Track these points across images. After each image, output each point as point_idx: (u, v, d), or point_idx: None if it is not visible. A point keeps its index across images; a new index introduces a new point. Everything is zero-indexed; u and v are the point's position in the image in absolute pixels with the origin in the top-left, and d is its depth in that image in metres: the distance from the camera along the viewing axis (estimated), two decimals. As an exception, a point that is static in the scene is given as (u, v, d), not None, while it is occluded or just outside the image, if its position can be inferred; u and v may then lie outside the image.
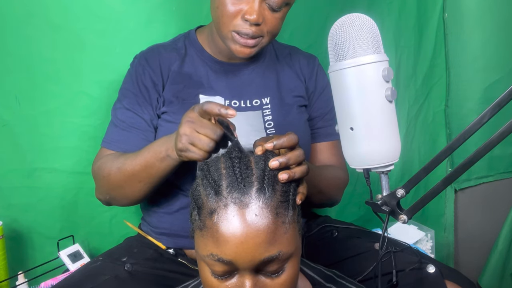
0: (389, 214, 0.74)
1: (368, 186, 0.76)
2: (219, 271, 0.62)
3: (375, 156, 0.70)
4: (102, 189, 1.04)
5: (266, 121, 1.06)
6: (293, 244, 0.63)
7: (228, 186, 0.61)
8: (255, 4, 0.92)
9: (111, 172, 0.98)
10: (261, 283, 0.63)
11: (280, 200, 0.63)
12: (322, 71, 1.17)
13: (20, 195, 1.24)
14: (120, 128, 1.04)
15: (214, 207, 0.61)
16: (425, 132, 1.78)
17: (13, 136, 1.21)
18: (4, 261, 1.17)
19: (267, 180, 0.63)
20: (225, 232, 0.59)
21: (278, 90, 1.10)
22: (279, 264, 0.62)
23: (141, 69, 1.07)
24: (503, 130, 0.61)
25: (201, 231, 0.62)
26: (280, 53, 1.15)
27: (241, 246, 0.59)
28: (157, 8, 1.28)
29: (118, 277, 0.95)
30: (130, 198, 1.00)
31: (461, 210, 1.87)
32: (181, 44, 1.11)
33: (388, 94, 0.68)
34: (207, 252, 0.61)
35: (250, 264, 0.60)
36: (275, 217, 0.61)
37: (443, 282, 0.92)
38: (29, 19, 1.17)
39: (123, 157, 0.98)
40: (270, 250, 0.60)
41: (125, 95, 1.07)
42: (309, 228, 1.16)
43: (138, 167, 0.93)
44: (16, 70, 1.19)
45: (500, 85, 1.73)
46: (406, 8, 1.64)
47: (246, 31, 0.93)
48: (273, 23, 0.96)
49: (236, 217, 0.59)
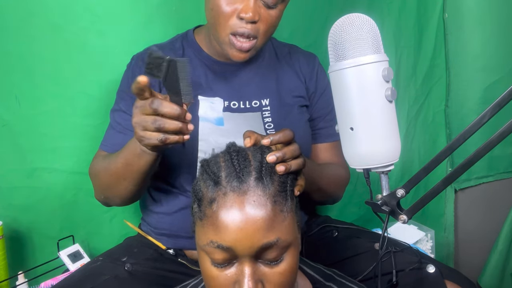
0: (389, 214, 0.74)
1: (368, 186, 0.76)
2: (219, 259, 0.63)
3: (375, 156, 0.70)
4: (96, 190, 1.05)
5: (266, 123, 1.05)
6: (292, 233, 0.65)
7: (227, 176, 0.64)
8: (251, 2, 0.91)
9: (100, 173, 0.99)
10: (260, 271, 0.63)
11: (278, 190, 0.65)
12: (322, 71, 1.17)
13: (20, 195, 1.24)
14: (116, 130, 1.05)
15: (213, 197, 0.63)
16: (425, 132, 1.78)
17: (13, 136, 1.21)
18: (4, 261, 1.17)
19: (265, 171, 0.65)
20: (224, 219, 0.61)
21: (277, 91, 1.09)
22: (277, 252, 0.63)
23: (137, 70, 1.06)
24: (503, 130, 0.61)
25: (201, 221, 0.64)
26: (280, 52, 1.15)
27: (240, 232, 0.61)
28: (156, 8, 1.28)
29: (118, 277, 0.95)
30: (121, 197, 1.00)
31: (461, 210, 1.87)
32: (178, 44, 1.10)
33: (388, 94, 0.68)
34: (207, 240, 0.63)
35: (249, 250, 0.61)
36: (273, 204, 0.63)
37: (443, 282, 0.92)
38: (29, 19, 1.17)
39: (108, 158, 0.99)
40: (268, 236, 0.61)
41: (121, 97, 1.07)
42: (309, 228, 1.16)
43: (119, 165, 0.93)
44: (16, 70, 1.19)
45: (500, 85, 1.73)
46: (406, 8, 1.64)
47: (243, 30, 0.93)
48: (268, 20, 0.95)
49: (235, 204, 0.62)
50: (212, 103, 1.04)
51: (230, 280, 0.63)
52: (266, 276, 0.63)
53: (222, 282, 0.64)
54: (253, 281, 0.62)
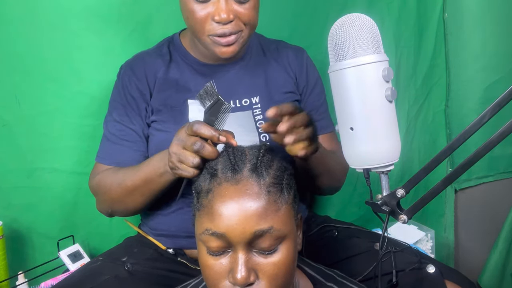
0: (389, 214, 0.74)
1: (368, 186, 0.76)
2: (214, 247, 0.65)
3: (375, 156, 0.70)
4: (103, 204, 1.05)
5: (257, 121, 1.05)
6: (287, 224, 0.66)
7: (223, 168, 0.67)
8: (221, 4, 0.90)
9: (112, 188, 0.99)
10: (253, 261, 0.65)
11: (272, 182, 0.66)
12: (311, 64, 1.16)
13: (20, 195, 1.24)
14: (111, 141, 1.05)
15: (210, 187, 0.66)
16: (425, 132, 1.77)
17: (13, 136, 1.21)
18: (4, 261, 1.17)
19: (260, 163, 0.67)
20: (218, 207, 0.64)
21: (267, 88, 1.09)
22: (271, 241, 0.64)
23: (127, 79, 1.06)
24: (503, 130, 0.61)
25: (199, 211, 0.67)
26: (267, 49, 1.14)
27: (233, 219, 0.63)
28: (157, 8, 1.28)
29: (118, 277, 0.95)
30: (131, 210, 1.03)
31: (461, 210, 1.87)
32: (165, 49, 1.10)
33: (388, 94, 0.68)
34: (202, 229, 0.65)
35: (242, 237, 0.63)
36: (267, 194, 0.65)
37: (443, 282, 0.92)
38: (29, 19, 1.17)
39: (121, 172, 0.99)
40: (260, 224, 0.63)
41: (114, 106, 1.07)
42: (309, 228, 1.16)
43: (138, 182, 0.94)
44: (16, 70, 1.19)
45: (500, 85, 1.73)
46: (406, 8, 1.64)
47: (222, 31, 0.92)
48: (246, 15, 0.93)
49: (229, 193, 0.64)
50: None
51: (224, 269, 0.65)
52: (260, 266, 0.65)
53: (217, 271, 0.65)
54: (246, 269, 0.63)
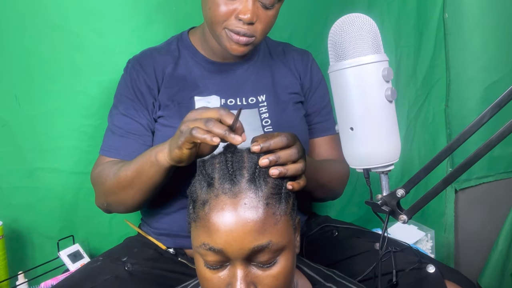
0: (389, 214, 0.74)
1: (368, 186, 0.76)
2: (211, 261, 0.63)
3: (375, 156, 0.70)
4: (99, 196, 1.04)
5: (263, 119, 1.06)
6: (285, 236, 0.64)
7: (220, 178, 0.63)
8: (249, 3, 0.92)
9: (108, 179, 0.98)
10: (252, 274, 0.63)
11: (271, 192, 0.64)
12: (316, 66, 1.17)
13: (20, 195, 1.24)
14: (117, 134, 1.04)
15: (206, 198, 0.63)
16: (425, 132, 1.78)
17: (13, 136, 1.21)
18: (4, 261, 1.17)
19: (258, 173, 0.65)
20: (216, 221, 0.61)
21: (273, 88, 1.10)
22: (270, 255, 0.63)
23: (135, 74, 1.06)
24: (503, 130, 0.61)
25: (195, 222, 0.64)
26: (274, 51, 1.15)
27: (230, 235, 0.61)
28: (157, 8, 1.28)
29: (118, 277, 0.95)
30: (125, 205, 1.00)
31: (461, 210, 1.87)
32: (174, 46, 1.10)
33: (388, 94, 0.68)
34: (199, 243, 0.63)
35: (240, 252, 0.61)
36: (265, 207, 0.62)
37: (443, 282, 0.92)
38: (29, 19, 1.17)
39: (120, 164, 0.98)
40: (259, 239, 0.61)
41: (120, 100, 1.07)
42: (309, 228, 1.16)
43: (130, 173, 0.93)
44: (16, 70, 1.19)
45: (500, 85, 1.73)
46: (406, 8, 1.64)
47: (239, 29, 0.94)
48: (266, 21, 0.95)
49: (226, 207, 0.61)
50: (208, 102, 1.04)
51: (223, 282, 0.63)
52: (258, 279, 0.63)
53: (215, 284, 0.64)
54: (245, 284, 0.61)
